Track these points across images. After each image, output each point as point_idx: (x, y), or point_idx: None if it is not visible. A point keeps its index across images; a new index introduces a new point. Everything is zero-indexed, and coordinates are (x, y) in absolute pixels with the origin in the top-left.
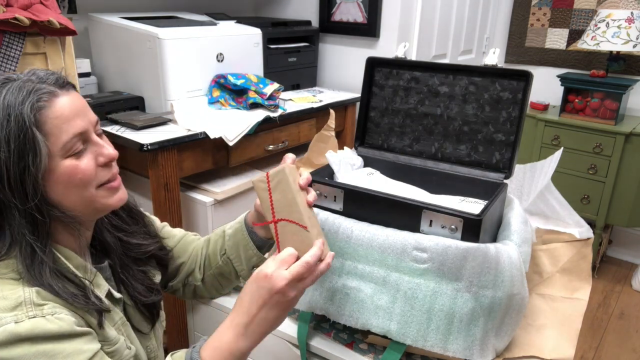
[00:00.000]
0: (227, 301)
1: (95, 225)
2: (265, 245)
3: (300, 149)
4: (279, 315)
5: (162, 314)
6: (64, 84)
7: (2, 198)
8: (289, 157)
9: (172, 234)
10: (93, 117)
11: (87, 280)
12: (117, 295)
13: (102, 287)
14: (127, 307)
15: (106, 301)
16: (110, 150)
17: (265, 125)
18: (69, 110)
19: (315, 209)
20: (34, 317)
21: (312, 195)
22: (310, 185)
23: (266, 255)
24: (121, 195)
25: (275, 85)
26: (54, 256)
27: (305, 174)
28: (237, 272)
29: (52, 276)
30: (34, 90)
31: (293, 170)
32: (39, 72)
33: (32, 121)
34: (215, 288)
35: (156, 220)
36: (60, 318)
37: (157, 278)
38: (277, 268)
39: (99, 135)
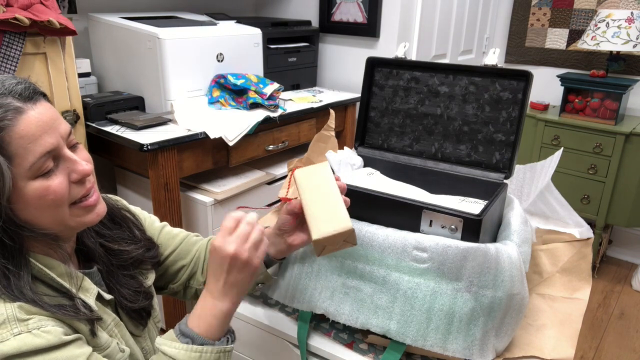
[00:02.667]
0: None
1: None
2: (272, 264)
3: (300, 149)
4: (245, 276)
5: (157, 314)
6: (31, 95)
7: None
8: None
9: (172, 235)
10: (65, 128)
11: (73, 288)
12: (108, 296)
13: (91, 291)
14: (118, 308)
15: (95, 307)
16: (83, 166)
17: (265, 125)
18: (35, 128)
19: None
20: (19, 334)
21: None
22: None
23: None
24: (98, 211)
25: (275, 85)
26: (35, 268)
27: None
28: None
29: (34, 291)
30: (3, 106)
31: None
32: (7, 81)
33: None
34: None
35: (155, 220)
36: (47, 331)
37: (150, 280)
38: (222, 237)
39: (73, 146)
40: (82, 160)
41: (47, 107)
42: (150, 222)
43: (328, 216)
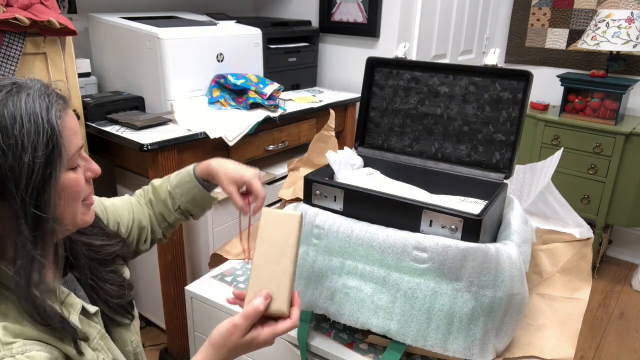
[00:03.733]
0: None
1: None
2: (212, 188)
3: (300, 149)
4: (245, 352)
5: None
6: (64, 97)
7: (12, 209)
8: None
9: (119, 210)
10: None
11: (56, 305)
12: (92, 309)
13: (75, 306)
14: (105, 309)
15: (79, 325)
16: (96, 166)
17: (265, 125)
18: (74, 124)
19: (315, 208)
20: (2, 359)
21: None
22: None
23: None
24: (92, 212)
25: (275, 85)
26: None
27: None
28: (193, 216)
29: (42, 295)
30: (55, 97)
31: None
32: (43, 81)
33: (59, 129)
34: (171, 231)
35: (97, 200)
36: (32, 357)
37: (127, 274)
38: (240, 324)
39: None
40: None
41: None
42: (102, 209)
43: (269, 287)
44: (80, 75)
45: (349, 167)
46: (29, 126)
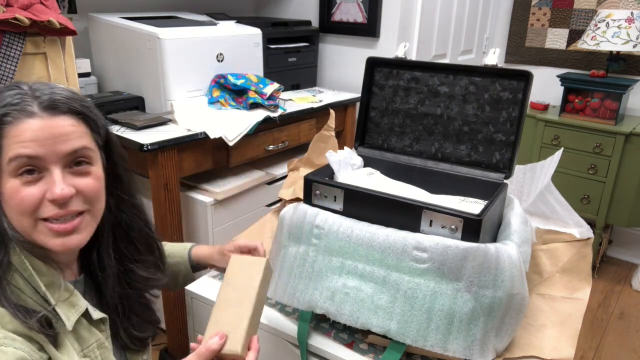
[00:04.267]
0: None
1: (95, 247)
2: (201, 269)
3: (300, 149)
4: None
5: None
6: (53, 107)
7: None
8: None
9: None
10: (67, 149)
11: (53, 300)
12: (97, 315)
13: (77, 307)
14: (120, 332)
15: (69, 324)
16: (59, 189)
17: (265, 125)
18: (30, 134)
19: (315, 208)
20: None
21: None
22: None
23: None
24: (66, 241)
25: (275, 85)
26: (27, 272)
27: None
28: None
29: (12, 292)
30: (7, 104)
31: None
32: (47, 89)
33: None
34: None
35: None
36: (5, 352)
37: (155, 306)
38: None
39: (79, 170)
40: (65, 185)
41: (64, 123)
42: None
43: (226, 328)
44: (80, 75)
45: (349, 167)
46: None
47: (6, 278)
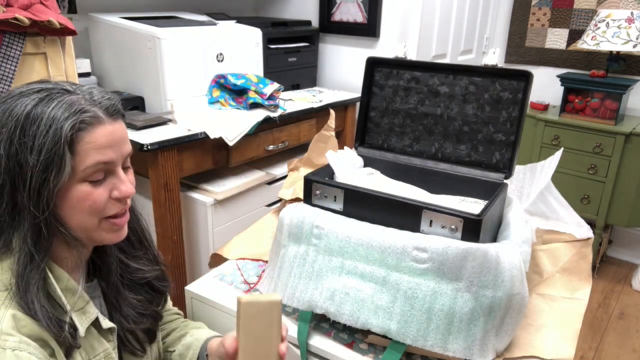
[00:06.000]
0: (228, 302)
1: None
2: None
3: (300, 149)
4: None
5: (159, 334)
6: (113, 113)
7: (19, 202)
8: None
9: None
10: (127, 150)
11: (69, 306)
12: (107, 325)
13: (88, 315)
14: (119, 331)
15: (82, 333)
16: (128, 186)
17: (265, 125)
18: (104, 139)
19: (315, 208)
20: None
21: (284, 345)
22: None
23: None
24: (121, 234)
25: (275, 85)
26: (45, 274)
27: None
28: None
29: (39, 292)
30: (81, 111)
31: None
32: (97, 93)
33: (67, 139)
34: None
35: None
36: (19, 356)
37: (157, 305)
38: None
39: (125, 168)
40: (129, 183)
41: (122, 127)
42: (159, 254)
43: None
44: (80, 75)
45: (349, 167)
46: (42, 130)
47: (37, 284)
